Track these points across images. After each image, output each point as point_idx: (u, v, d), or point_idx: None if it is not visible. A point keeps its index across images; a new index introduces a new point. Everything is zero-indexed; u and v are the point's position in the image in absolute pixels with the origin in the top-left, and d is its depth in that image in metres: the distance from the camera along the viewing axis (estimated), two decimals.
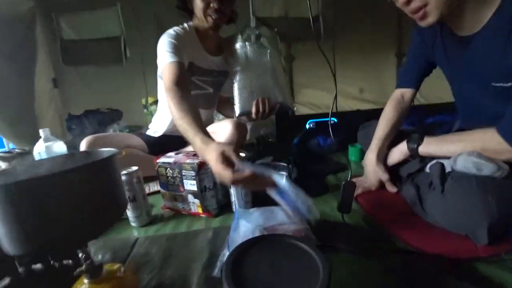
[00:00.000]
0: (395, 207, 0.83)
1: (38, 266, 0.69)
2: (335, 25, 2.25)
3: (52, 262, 0.70)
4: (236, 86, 1.24)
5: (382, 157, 0.93)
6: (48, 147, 1.20)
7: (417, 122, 1.65)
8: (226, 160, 0.61)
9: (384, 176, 0.91)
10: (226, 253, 0.64)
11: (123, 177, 0.84)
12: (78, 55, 2.36)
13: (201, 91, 1.34)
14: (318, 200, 0.96)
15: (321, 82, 2.29)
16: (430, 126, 1.49)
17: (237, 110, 1.26)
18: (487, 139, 0.66)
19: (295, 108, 1.31)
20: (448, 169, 0.72)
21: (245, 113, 1.25)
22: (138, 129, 2.23)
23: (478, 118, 0.80)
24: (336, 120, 1.91)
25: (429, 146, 0.78)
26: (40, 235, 0.41)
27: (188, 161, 0.85)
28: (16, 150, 1.80)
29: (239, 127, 1.19)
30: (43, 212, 0.41)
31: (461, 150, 0.69)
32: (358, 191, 0.92)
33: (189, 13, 1.21)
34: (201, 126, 0.77)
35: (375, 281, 0.58)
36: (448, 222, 0.66)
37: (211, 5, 1.09)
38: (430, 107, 2.09)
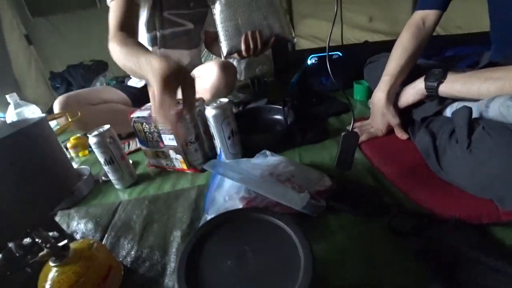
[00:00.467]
0: (405, 158, 0.69)
1: (27, 240, 0.63)
2: None
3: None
4: (218, 19, 1.03)
5: (393, 97, 0.77)
6: (19, 114, 1.09)
7: (433, 55, 1.41)
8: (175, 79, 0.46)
9: (394, 120, 0.76)
10: (207, 218, 0.55)
11: (95, 139, 0.73)
12: (46, 3, 2.09)
13: (178, 28, 1.14)
14: (317, 147, 0.85)
15: (325, 11, 1.98)
16: (451, 60, 1.26)
17: (223, 48, 1.07)
18: None
19: (295, 40, 1.08)
20: (475, 115, 0.57)
21: (233, 51, 1.06)
22: (128, 79, 2.08)
23: None
24: (341, 54, 1.70)
25: (453, 85, 0.61)
26: None
27: None
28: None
29: (227, 68, 1.02)
30: None
31: (496, 92, 0.54)
32: (362, 137, 0.79)
33: None
34: (143, 48, 0.66)
35: (380, 248, 0.48)
36: (471, 183, 0.53)
37: None
38: (449, 37, 1.81)
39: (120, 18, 0.82)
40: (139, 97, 1.24)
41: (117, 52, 0.69)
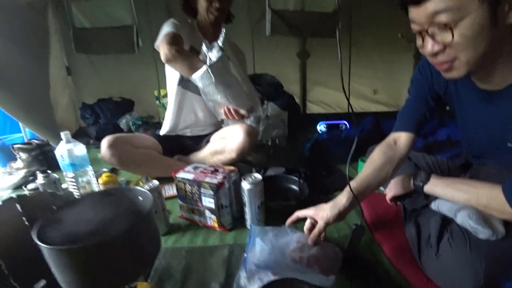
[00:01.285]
0: (400, 239, 0.85)
1: None
2: (351, 21, 2.19)
3: None
4: (205, 96, 1.23)
5: (351, 205, 0.76)
6: (69, 151, 1.26)
7: (428, 134, 1.64)
8: None
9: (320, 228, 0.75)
10: (241, 275, 0.70)
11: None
12: (91, 43, 2.35)
13: None
14: None
15: (335, 81, 2.24)
16: (442, 144, 1.47)
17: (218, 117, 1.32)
18: (493, 197, 0.64)
19: (261, 113, 1.32)
20: (449, 214, 0.74)
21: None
22: (151, 119, 2.27)
23: (485, 160, 0.81)
24: (347, 124, 1.94)
25: (435, 188, 0.77)
26: (87, 282, 0.47)
27: (207, 180, 0.89)
28: (35, 141, 1.85)
29: (251, 134, 1.22)
30: (91, 266, 0.46)
31: (464, 202, 0.70)
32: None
33: (193, 13, 1.36)
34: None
35: None
36: (437, 279, 0.70)
37: (213, 4, 1.25)
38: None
39: (171, 38, 1.15)
40: (170, 146, 1.42)
41: (167, 50, 1.10)
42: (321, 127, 1.85)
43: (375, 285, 0.71)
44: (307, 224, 0.78)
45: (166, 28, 1.21)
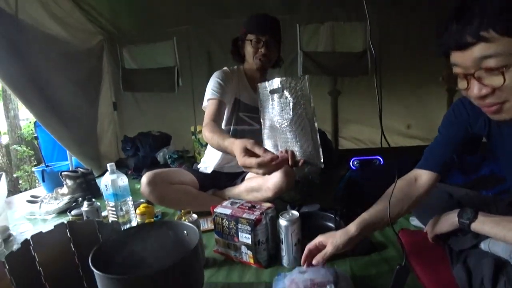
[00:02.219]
0: (446, 281, 0.78)
1: None
2: (382, 59, 2.23)
3: None
4: (263, 135, 1.26)
5: (360, 234, 0.79)
6: (113, 181, 1.34)
7: (471, 172, 1.55)
8: (249, 151, 0.78)
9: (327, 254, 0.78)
10: None
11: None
12: (136, 83, 2.60)
13: (248, 127, 1.43)
14: (364, 259, 0.96)
15: (367, 118, 2.28)
16: (486, 180, 1.39)
17: None
18: None
19: (322, 165, 1.29)
20: (504, 255, 0.69)
21: None
22: (186, 153, 2.38)
23: None
24: (381, 159, 1.89)
25: (483, 226, 0.72)
26: None
27: (245, 215, 0.90)
28: (80, 169, 1.99)
29: (288, 174, 1.22)
30: None
31: None
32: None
33: (241, 58, 1.43)
34: (227, 135, 1.03)
35: None
36: None
37: (260, 50, 1.33)
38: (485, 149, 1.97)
39: (213, 112, 1.23)
40: (206, 182, 1.47)
41: (207, 135, 1.10)
42: (354, 163, 1.83)
43: None
44: (310, 244, 0.82)
45: (214, 81, 1.30)
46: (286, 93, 1.28)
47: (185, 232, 0.64)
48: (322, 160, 1.28)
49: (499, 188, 1.27)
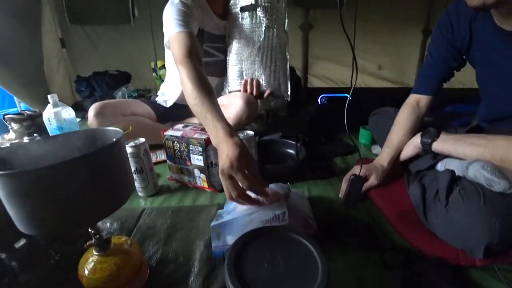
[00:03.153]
0: (403, 204, 0.79)
1: None
2: None
3: None
4: (228, 61, 1.16)
5: (390, 166, 0.88)
6: (57, 113, 1.20)
7: (434, 110, 1.57)
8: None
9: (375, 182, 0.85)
10: (212, 224, 0.62)
11: (131, 149, 0.83)
12: (84, 14, 2.27)
13: (212, 59, 1.28)
14: (323, 182, 0.95)
15: (338, 55, 2.18)
16: (448, 116, 1.40)
17: (228, 86, 1.19)
18: (510, 149, 0.60)
19: (288, 98, 1.21)
20: (459, 173, 0.68)
21: (234, 90, 1.19)
22: (147, 92, 2.21)
23: (502, 120, 0.74)
24: (350, 98, 1.85)
25: (444, 144, 0.73)
26: (51, 220, 0.41)
27: (195, 136, 0.83)
28: (27, 112, 1.80)
29: (250, 103, 1.13)
30: (53, 199, 0.40)
31: (477, 156, 0.65)
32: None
33: None
34: (220, 110, 0.70)
35: (372, 276, 0.58)
36: (447, 236, 0.63)
37: None
38: (451, 91, 1.98)
39: (186, 46, 0.92)
40: (165, 114, 1.36)
41: (188, 86, 0.77)
42: (322, 100, 1.77)
43: (374, 246, 0.65)
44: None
45: (176, 10, 1.01)
46: (259, 13, 1.14)
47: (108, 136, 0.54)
48: (289, 93, 1.20)
49: (460, 122, 1.30)
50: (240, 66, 1.18)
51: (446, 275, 0.54)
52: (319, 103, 1.76)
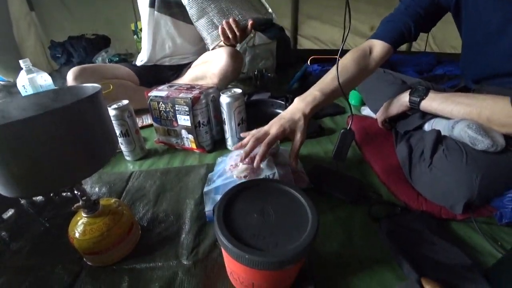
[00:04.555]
0: (391, 160, 0.79)
1: (39, 198, 0.71)
2: None
3: (51, 195, 0.71)
4: (192, 18, 1.04)
5: (313, 113, 0.70)
6: (32, 80, 1.12)
7: (425, 71, 1.55)
8: None
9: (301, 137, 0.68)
10: (206, 189, 0.64)
11: (114, 112, 0.79)
12: None
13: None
14: (312, 142, 0.94)
15: (329, 15, 2.07)
16: (440, 78, 1.38)
17: (208, 44, 1.09)
18: (497, 109, 0.59)
19: (274, 15, 1.04)
20: (444, 132, 0.68)
21: (216, 44, 1.08)
22: (129, 57, 2.10)
23: (489, 79, 0.73)
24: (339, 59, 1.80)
25: (432, 103, 0.71)
26: (30, 179, 0.39)
27: (181, 95, 0.79)
28: (1, 82, 1.70)
29: (235, 56, 1.08)
30: (29, 156, 0.38)
31: (464, 115, 0.64)
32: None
33: None
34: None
35: (359, 228, 0.59)
36: (430, 193, 0.64)
37: None
38: (442, 56, 1.93)
39: None
40: (147, 77, 1.30)
41: None
42: (311, 61, 1.72)
43: (362, 200, 0.66)
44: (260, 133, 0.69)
45: None
46: None
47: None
48: (270, 10, 1.06)
49: (450, 84, 1.29)
50: (207, 15, 1.04)
51: (430, 226, 0.56)
52: (308, 65, 1.71)
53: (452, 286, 0.43)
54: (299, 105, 0.68)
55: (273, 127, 0.64)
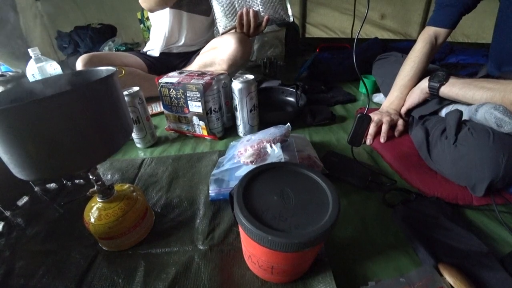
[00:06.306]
0: (402, 147, 0.78)
1: (52, 185, 0.72)
2: None
3: (65, 182, 0.72)
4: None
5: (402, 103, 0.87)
6: (41, 68, 1.12)
7: (437, 60, 1.50)
8: None
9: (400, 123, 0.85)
10: (213, 172, 0.65)
11: (125, 98, 0.79)
12: None
13: None
14: (324, 129, 0.93)
15: (338, 2, 2.02)
16: (452, 67, 1.34)
17: (219, 25, 1.07)
18: None
19: (291, 19, 1.04)
20: (465, 117, 0.66)
21: (228, 28, 1.07)
22: (136, 46, 2.08)
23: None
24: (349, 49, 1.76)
25: (452, 88, 0.69)
26: (46, 161, 0.38)
27: (193, 81, 0.78)
28: (10, 73, 1.70)
29: (243, 41, 1.05)
30: (46, 136, 0.37)
31: (487, 99, 0.62)
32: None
33: None
34: None
35: (374, 214, 0.58)
36: (452, 172, 0.62)
37: None
38: (455, 44, 1.88)
39: None
40: (155, 65, 1.29)
41: None
42: (320, 49, 1.69)
43: (376, 187, 0.65)
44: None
45: None
46: None
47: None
48: (290, 13, 1.06)
49: (464, 72, 1.26)
50: None
51: (445, 212, 0.55)
52: (317, 53, 1.68)
53: (468, 272, 0.43)
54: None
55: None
